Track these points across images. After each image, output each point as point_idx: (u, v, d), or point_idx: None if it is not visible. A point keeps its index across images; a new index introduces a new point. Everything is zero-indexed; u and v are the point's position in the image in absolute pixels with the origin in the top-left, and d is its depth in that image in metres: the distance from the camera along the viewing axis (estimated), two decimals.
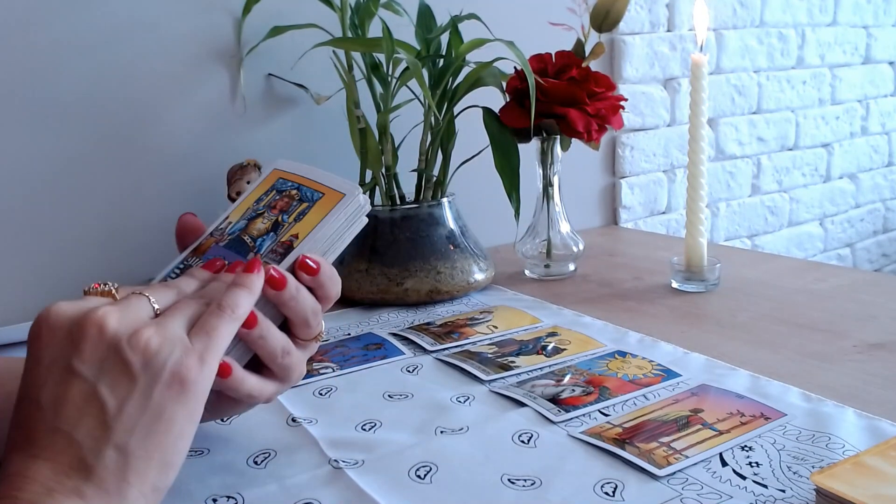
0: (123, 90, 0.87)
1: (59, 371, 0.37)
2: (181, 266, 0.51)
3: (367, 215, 0.87)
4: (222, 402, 0.46)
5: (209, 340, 0.41)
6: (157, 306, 0.41)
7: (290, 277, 0.46)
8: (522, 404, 0.58)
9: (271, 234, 0.49)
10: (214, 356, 0.41)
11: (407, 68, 0.82)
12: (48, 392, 0.37)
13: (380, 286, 0.84)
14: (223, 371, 0.43)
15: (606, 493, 0.46)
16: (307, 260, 0.47)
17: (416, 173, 0.89)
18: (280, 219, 0.50)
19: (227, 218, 0.53)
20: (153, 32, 0.88)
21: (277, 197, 0.52)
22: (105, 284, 0.43)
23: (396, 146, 0.89)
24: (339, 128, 0.93)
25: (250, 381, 0.45)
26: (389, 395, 0.62)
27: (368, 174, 0.89)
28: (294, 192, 0.52)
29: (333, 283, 0.48)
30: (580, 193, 1.27)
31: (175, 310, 0.42)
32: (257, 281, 0.44)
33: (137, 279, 0.90)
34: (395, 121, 0.88)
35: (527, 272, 0.97)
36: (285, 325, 0.47)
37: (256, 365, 0.46)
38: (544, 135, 0.91)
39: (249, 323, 0.44)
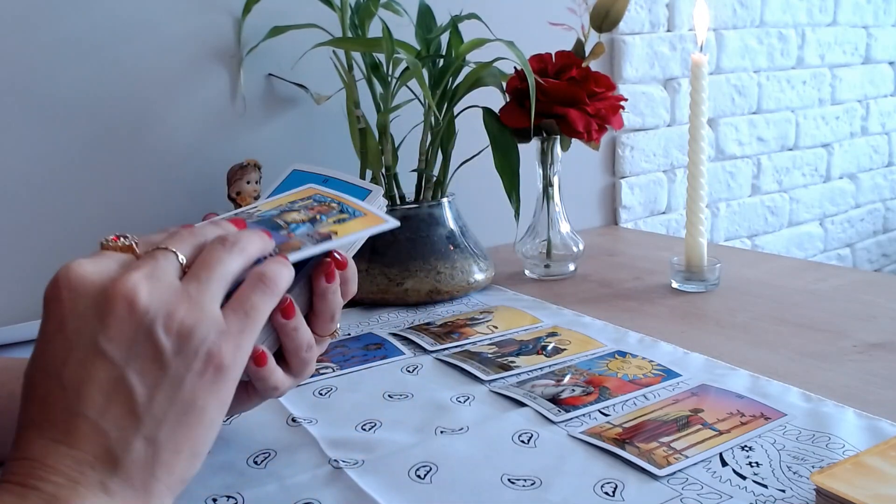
0: (123, 90, 0.87)
1: (85, 348, 0.34)
2: None
3: None
4: (239, 395, 0.44)
5: (247, 321, 0.37)
6: (184, 261, 0.37)
7: (350, 262, 0.46)
8: (522, 404, 0.58)
9: (307, 224, 0.48)
10: (251, 339, 0.38)
11: (407, 68, 0.82)
12: (72, 371, 0.33)
13: (380, 286, 0.84)
14: (259, 359, 0.41)
15: (606, 493, 0.46)
16: (336, 254, 0.46)
17: (416, 173, 0.89)
18: (317, 217, 0.48)
19: (256, 207, 0.50)
20: (153, 32, 0.88)
21: (315, 204, 0.51)
22: (125, 238, 0.38)
23: (396, 146, 0.89)
24: (339, 128, 0.93)
25: (278, 373, 0.44)
26: (389, 395, 0.62)
27: (368, 174, 0.89)
28: (334, 205, 0.51)
29: (354, 282, 0.48)
30: (580, 193, 1.27)
31: (208, 274, 0.37)
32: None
33: None
34: (395, 121, 0.88)
35: (527, 272, 0.97)
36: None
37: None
38: (544, 135, 0.91)
39: (288, 312, 0.42)
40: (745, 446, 0.51)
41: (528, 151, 0.92)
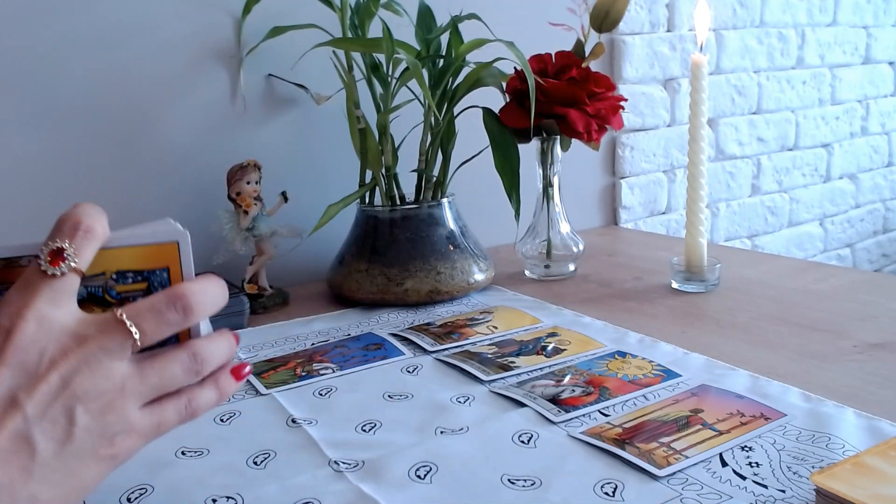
0: (124, 90, 0.87)
1: (4, 396, 0.35)
2: None
3: (368, 215, 0.87)
4: None
5: (155, 432, 0.39)
6: (139, 343, 0.37)
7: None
8: (522, 404, 0.58)
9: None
10: (148, 441, 0.39)
11: (407, 68, 0.82)
12: None
13: (380, 286, 0.84)
14: None
15: (606, 494, 0.46)
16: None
17: (416, 173, 0.89)
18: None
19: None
20: (153, 33, 0.88)
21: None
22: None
23: (396, 146, 0.89)
24: (339, 128, 0.93)
25: None
26: (389, 396, 0.62)
27: (368, 174, 0.89)
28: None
29: None
30: (580, 193, 1.27)
31: (153, 382, 0.38)
32: (231, 394, 0.43)
33: None
34: (395, 121, 0.88)
35: (527, 272, 0.97)
36: None
37: None
38: (544, 135, 0.91)
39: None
40: (745, 446, 0.51)
41: (528, 151, 0.92)
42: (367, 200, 0.90)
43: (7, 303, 0.37)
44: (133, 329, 0.37)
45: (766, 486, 0.46)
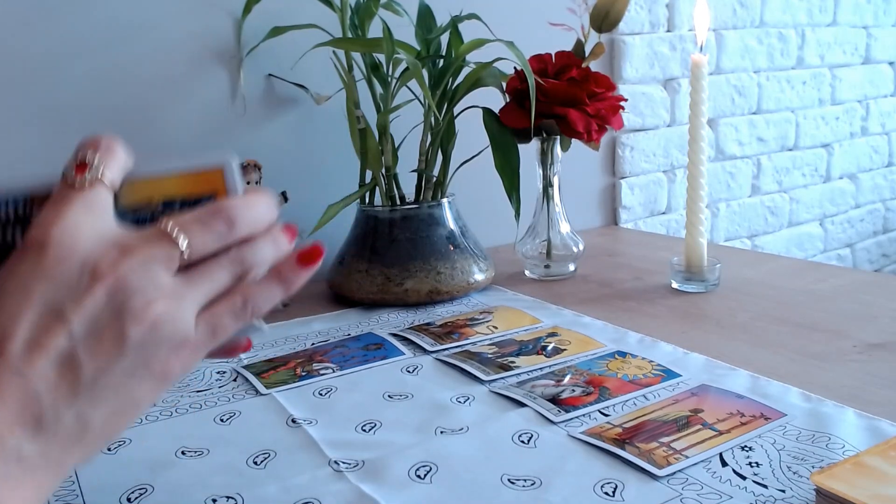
0: (123, 91, 0.87)
1: (47, 312, 0.32)
2: None
3: (368, 216, 0.87)
4: None
5: (210, 341, 0.37)
6: (186, 255, 0.35)
7: None
8: (522, 404, 0.58)
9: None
10: (202, 357, 0.37)
11: (407, 68, 0.82)
12: (24, 330, 0.32)
13: (380, 286, 0.84)
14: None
15: (606, 494, 0.46)
16: None
17: (416, 174, 0.89)
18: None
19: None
20: (153, 33, 0.88)
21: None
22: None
23: (396, 146, 0.89)
24: (339, 128, 0.93)
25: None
26: (389, 396, 0.62)
27: (368, 174, 0.89)
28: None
29: None
30: (580, 193, 1.27)
31: (202, 282, 0.36)
32: (300, 284, 0.40)
33: None
34: (395, 121, 0.88)
35: (527, 272, 0.97)
36: None
37: None
38: (544, 135, 0.91)
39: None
40: (745, 446, 0.51)
41: (528, 151, 0.92)
42: (367, 200, 0.90)
43: (38, 219, 0.34)
44: (181, 239, 0.35)
45: (766, 486, 0.46)
